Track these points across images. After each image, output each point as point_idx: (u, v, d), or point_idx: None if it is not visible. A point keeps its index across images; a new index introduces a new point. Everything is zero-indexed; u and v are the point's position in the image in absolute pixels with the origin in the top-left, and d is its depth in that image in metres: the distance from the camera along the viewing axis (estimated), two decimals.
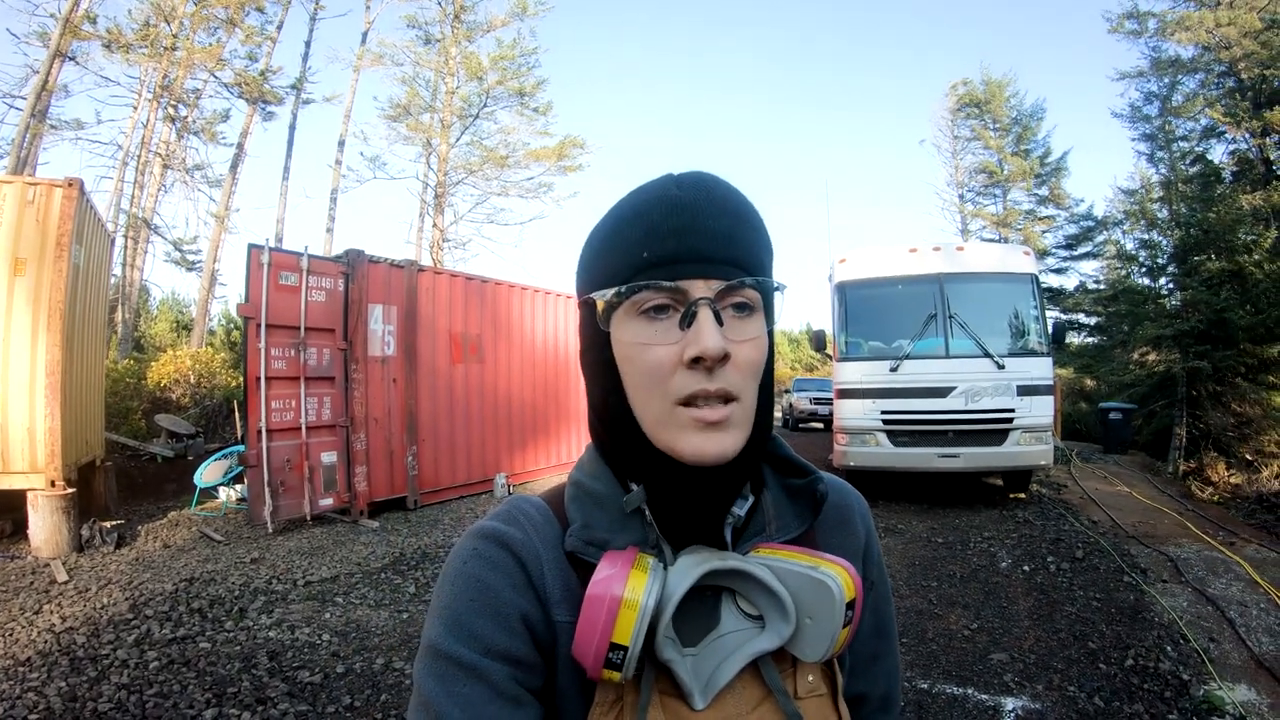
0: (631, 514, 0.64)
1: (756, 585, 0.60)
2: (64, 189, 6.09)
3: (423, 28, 20.36)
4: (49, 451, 5.93)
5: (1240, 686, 3.55)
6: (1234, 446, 14.22)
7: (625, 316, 0.59)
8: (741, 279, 0.58)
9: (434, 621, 0.60)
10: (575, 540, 0.63)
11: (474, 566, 0.61)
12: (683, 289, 0.57)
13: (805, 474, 0.70)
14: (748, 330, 0.59)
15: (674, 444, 0.58)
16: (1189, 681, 3.60)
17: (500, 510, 0.67)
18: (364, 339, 7.74)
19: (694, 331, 0.55)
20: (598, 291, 0.61)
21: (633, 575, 0.56)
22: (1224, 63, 18.51)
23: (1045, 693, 3.55)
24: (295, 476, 7.13)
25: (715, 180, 0.62)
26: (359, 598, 5.10)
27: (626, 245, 0.60)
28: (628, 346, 0.59)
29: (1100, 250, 24.33)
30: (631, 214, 0.61)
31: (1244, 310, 13.93)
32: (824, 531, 0.72)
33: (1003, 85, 27.26)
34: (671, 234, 0.58)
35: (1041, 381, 7.54)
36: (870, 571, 0.75)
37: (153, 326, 20.58)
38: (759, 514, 0.68)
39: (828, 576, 0.59)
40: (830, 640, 0.59)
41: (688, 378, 0.56)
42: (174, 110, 17.13)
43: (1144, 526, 7.01)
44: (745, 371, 0.58)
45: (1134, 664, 3.81)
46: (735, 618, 0.62)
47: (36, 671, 3.68)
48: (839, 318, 8.20)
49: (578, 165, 21.18)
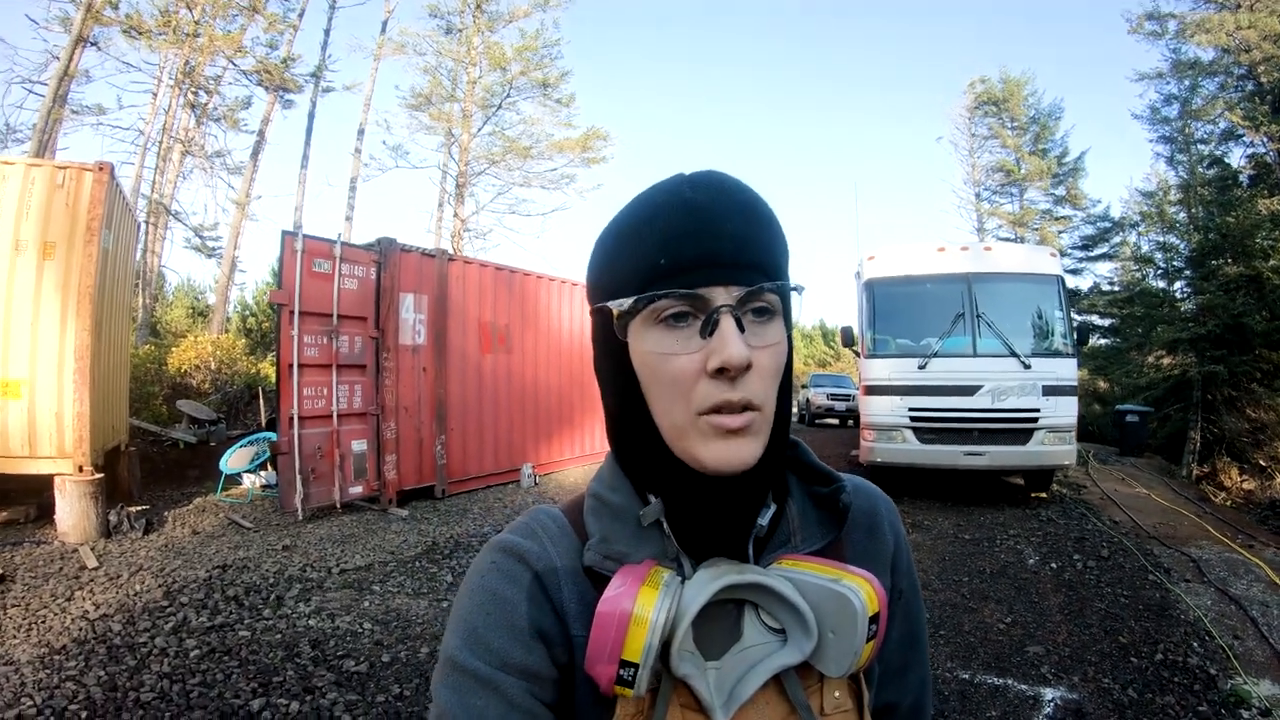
0: (650, 527, 0.63)
1: (777, 599, 0.59)
2: (94, 173, 6.03)
3: (444, 17, 20.34)
4: (77, 436, 5.87)
5: (1265, 682, 3.65)
6: (1248, 452, 14.24)
7: (643, 325, 0.58)
8: (762, 284, 0.56)
9: (451, 634, 0.60)
10: (593, 555, 0.62)
11: (491, 580, 0.62)
12: (702, 296, 0.55)
13: (830, 482, 0.68)
14: (768, 336, 0.57)
15: (695, 452, 0.56)
16: (1216, 676, 3.69)
17: (519, 523, 0.68)
18: (395, 327, 7.79)
19: (717, 341, 0.54)
20: (614, 301, 0.59)
21: (643, 592, 0.54)
22: (1244, 66, 18.41)
23: (1081, 684, 3.63)
24: (326, 464, 7.17)
25: (729, 180, 0.60)
26: (396, 586, 5.11)
27: (641, 251, 0.58)
28: (647, 356, 0.58)
29: (1116, 252, 24.30)
30: (644, 218, 0.59)
31: (1260, 316, 13.96)
32: (851, 540, 0.70)
33: (1021, 84, 27.09)
34: (688, 239, 0.56)
35: (1066, 382, 7.57)
36: (899, 580, 0.73)
37: (169, 312, 20.63)
38: (783, 524, 0.67)
39: (849, 590, 0.57)
40: (854, 655, 0.57)
41: (711, 388, 0.55)
42: (194, 97, 17.18)
43: (1164, 528, 7.06)
44: (767, 378, 0.57)
45: (1164, 658, 3.90)
46: (758, 631, 0.61)
47: (73, 660, 3.62)
48: (867, 314, 8.22)
49: (601, 157, 21.20)
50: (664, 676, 0.57)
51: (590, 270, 0.65)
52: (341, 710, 3.24)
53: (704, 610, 0.58)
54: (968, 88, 28.46)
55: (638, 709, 0.58)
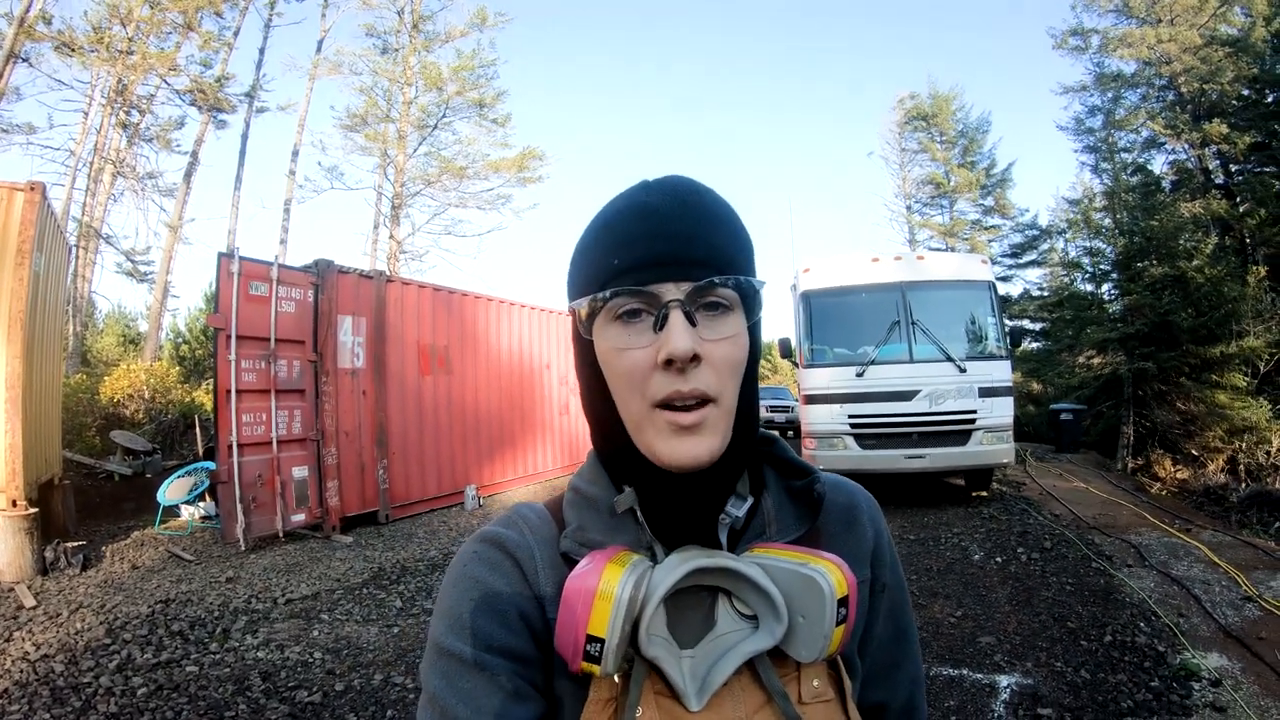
0: (625, 516, 0.65)
1: (748, 585, 0.60)
2: (25, 193, 5.80)
3: (380, 37, 20.17)
4: (9, 470, 5.64)
5: (1212, 654, 3.80)
6: (1180, 443, 14.85)
7: (604, 323, 0.60)
8: (712, 279, 0.58)
9: (437, 622, 0.63)
10: (569, 542, 0.65)
11: (473, 568, 0.65)
12: (653, 293, 0.58)
13: (805, 474, 0.70)
14: (723, 329, 0.59)
15: (653, 447, 0.59)
16: (1165, 652, 3.84)
17: (502, 516, 0.71)
18: (334, 351, 7.64)
19: (665, 334, 0.56)
20: (576, 301, 0.63)
21: (608, 569, 0.56)
22: (1165, 77, 19.36)
23: (1035, 669, 3.74)
24: (267, 492, 6.98)
25: (686, 183, 0.63)
26: (344, 614, 5.01)
27: (600, 254, 0.61)
28: (607, 352, 0.60)
29: (1045, 258, 25.15)
30: (603, 223, 0.63)
31: (1187, 313, 14.57)
32: (829, 533, 0.71)
33: (949, 99, 27.95)
34: (640, 239, 0.59)
35: (1001, 383, 7.81)
36: (882, 574, 0.74)
37: (100, 340, 19.83)
38: (759, 516, 0.68)
39: (817, 573, 0.58)
40: (824, 639, 0.58)
41: (663, 380, 0.57)
42: (126, 116, 16.65)
43: (1103, 518, 7.32)
44: (723, 370, 0.59)
45: (1113, 639, 4.03)
46: (731, 619, 0.62)
47: (16, 704, 3.50)
48: (804, 325, 8.35)
49: (537, 177, 21.17)
50: (636, 661, 0.58)
51: (567, 275, 0.68)
52: None
53: (678, 599, 0.60)
54: (897, 104, 29.23)
55: (611, 693, 0.59)
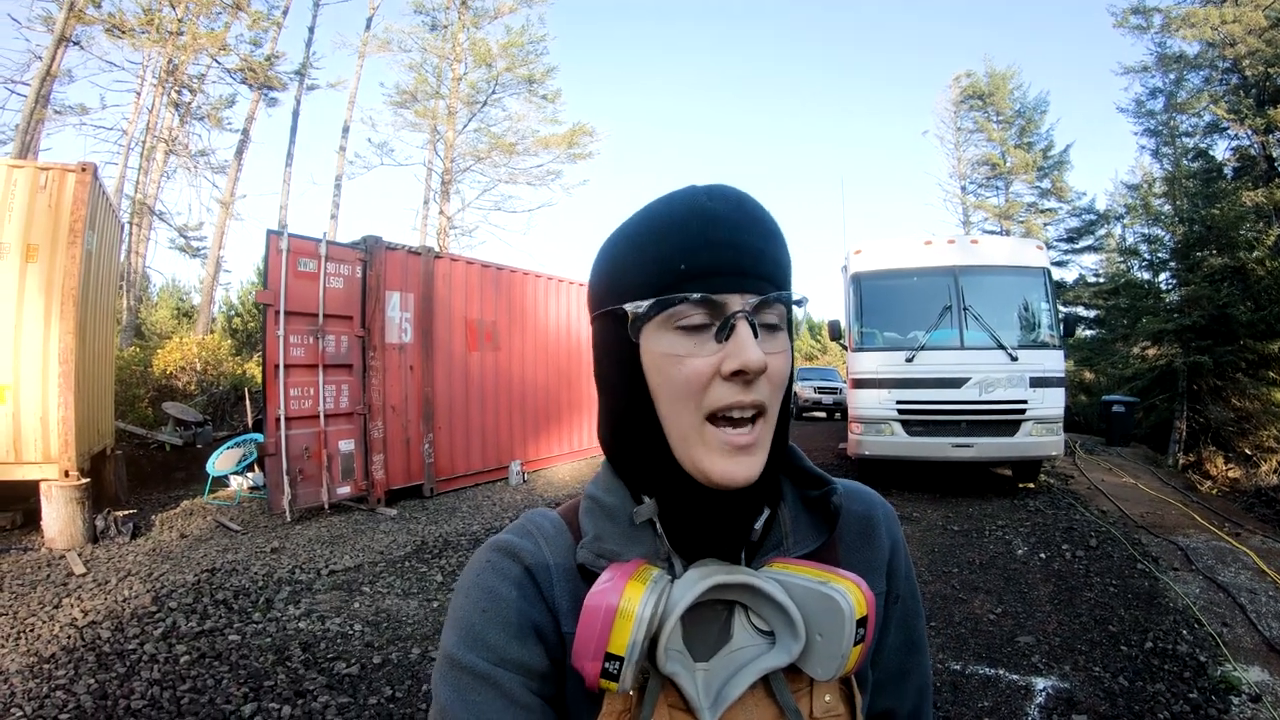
0: (643, 527, 0.64)
1: (766, 600, 0.59)
2: (77, 174, 5.97)
3: (429, 14, 20.20)
4: (63, 441, 5.81)
5: (1254, 668, 3.67)
6: (1233, 441, 14.40)
7: (658, 328, 0.58)
8: (773, 295, 0.58)
9: (449, 632, 0.61)
10: (585, 553, 0.63)
11: (486, 578, 0.63)
12: (719, 302, 0.57)
13: (822, 485, 0.69)
14: (776, 344, 0.59)
15: (701, 464, 0.58)
16: (1206, 663, 3.72)
17: (515, 524, 0.69)
18: (381, 326, 7.75)
19: (734, 344, 0.55)
20: (630, 303, 0.59)
21: (630, 586, 0.55)
22: (1228, 59, 18.53)
23: (1072, 673, 3.65)
24: (314, 465, 7.13)
25: (745, 195, 0.62)
26: (385, 586, 5.07)
27: (660, 256, 0.59)
28: (660, 358, 0.58)
29: (1101, 244, 24.44)
30: (663, 225, 0.60)
31: (1245, 306, 14.07)
32: (846, 544, 0.70)
33: (1006, 77, 27.10)
34: (708, 247, 0.58)
35: (1054, 373, 7.61)
36: (897, 585, 0.74)
37: (154, 314, 20.48)
38: (776, 527, 0.67)
39: (837, 592, 0.57)
40: (841, 658, 0.57)
41: (724, 389, 0.56)
42: (178, 96, 17.00)
43: (1151, 517, 7.12)
44: (776, 384, 0.59)
45: (1153, 646, 3.92)
46: (748, 633, 0.62)
47: (62, 669, 3.56)
48: (854, 308, 8.23)
49: (587, 153, 21.11)
50: (651, 674, 0.58)
51: (598, 275, 0.66)
52: (334, 713, 3.22)
53: (694, 612, 0.58)
54: (953, 82, 28.50)
55: (625, 706, 0.58)
